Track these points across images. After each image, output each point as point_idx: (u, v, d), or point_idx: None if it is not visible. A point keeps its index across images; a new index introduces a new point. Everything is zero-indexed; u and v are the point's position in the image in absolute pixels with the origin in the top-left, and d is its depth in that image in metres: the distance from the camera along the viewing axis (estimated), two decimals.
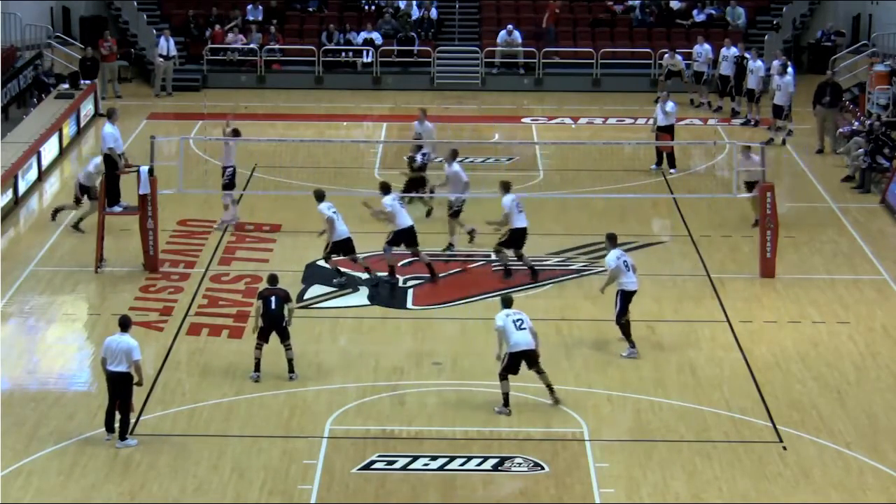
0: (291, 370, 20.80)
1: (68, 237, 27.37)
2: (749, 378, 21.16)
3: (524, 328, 19.58)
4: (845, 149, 33.03)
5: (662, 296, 24.53)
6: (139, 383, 18.75)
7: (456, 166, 26.55)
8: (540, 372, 19.78)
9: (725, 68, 37.91)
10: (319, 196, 24.77)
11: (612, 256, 21.91)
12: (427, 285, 25.00)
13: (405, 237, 24.84)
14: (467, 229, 26.61)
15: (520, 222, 24.70)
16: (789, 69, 34.87)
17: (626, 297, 21.78)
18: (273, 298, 20.61)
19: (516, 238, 24.78)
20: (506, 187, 24.76)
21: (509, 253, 24.93)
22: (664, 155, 32.18)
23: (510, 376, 19.63)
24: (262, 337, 20.68)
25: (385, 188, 25.14)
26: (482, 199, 27.28)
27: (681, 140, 33.30)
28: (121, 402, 18.70)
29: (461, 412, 19.86)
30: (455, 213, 26.48)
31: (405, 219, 24.79)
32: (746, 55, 37.04)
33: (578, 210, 28.61)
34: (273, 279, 21.02)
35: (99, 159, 26.84)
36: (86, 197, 27.39)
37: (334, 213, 24.49)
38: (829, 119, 34.12)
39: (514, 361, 19.59)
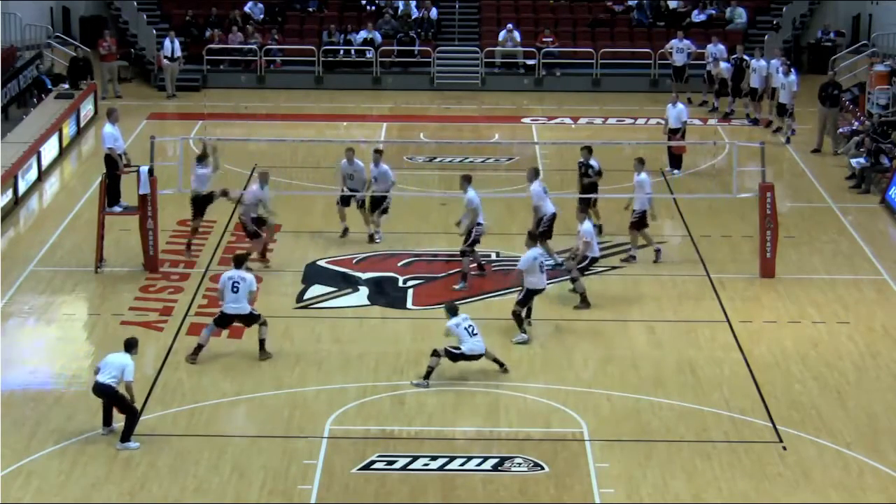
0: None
1: (68, 237, 27.38)
2: (749, 378, 21.15)
3: (476, 333, 20.59)
4: (845, 149, 33.03)
5: (662, 296, 24.54)
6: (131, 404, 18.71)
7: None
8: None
9: (724, 69, 37.90)
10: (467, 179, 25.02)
11: (530, 256, 22.32)
12: (428, 285, 25.04)
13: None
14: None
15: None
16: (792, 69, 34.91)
17: (529, 294, 22.43)
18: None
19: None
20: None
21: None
22: (673, 155, 32.15)
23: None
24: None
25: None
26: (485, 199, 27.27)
27: (680, 140, 33.26)
28: (117, 408, 18.73)
29: (461, 412, 19.86)
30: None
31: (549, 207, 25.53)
32: (745, 57, 37.03)
33: None
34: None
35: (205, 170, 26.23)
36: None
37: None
38: (831, 119, 34.12)
39: (464, 359, 20.62)
